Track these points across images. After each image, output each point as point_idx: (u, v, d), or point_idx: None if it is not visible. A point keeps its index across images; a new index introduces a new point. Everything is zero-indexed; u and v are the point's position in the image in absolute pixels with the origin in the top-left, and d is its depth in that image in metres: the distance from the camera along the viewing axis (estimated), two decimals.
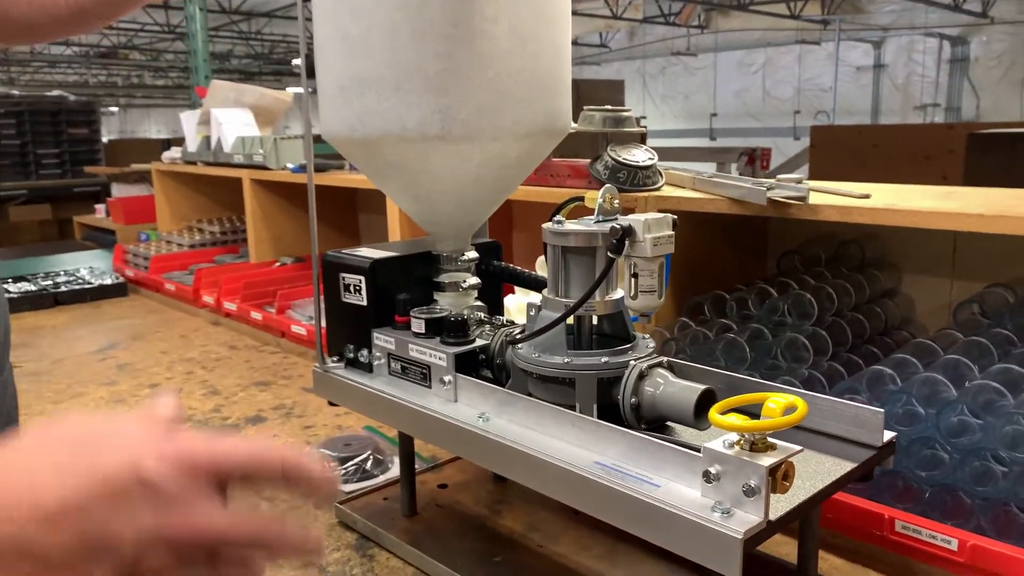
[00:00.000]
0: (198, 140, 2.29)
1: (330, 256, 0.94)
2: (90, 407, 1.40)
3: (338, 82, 0.80)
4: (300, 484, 0.42)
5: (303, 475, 0.42)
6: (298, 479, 0.42)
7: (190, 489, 0.38)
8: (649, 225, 0.72)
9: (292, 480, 0.42)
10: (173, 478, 0.37)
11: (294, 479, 0.42)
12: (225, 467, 0.40)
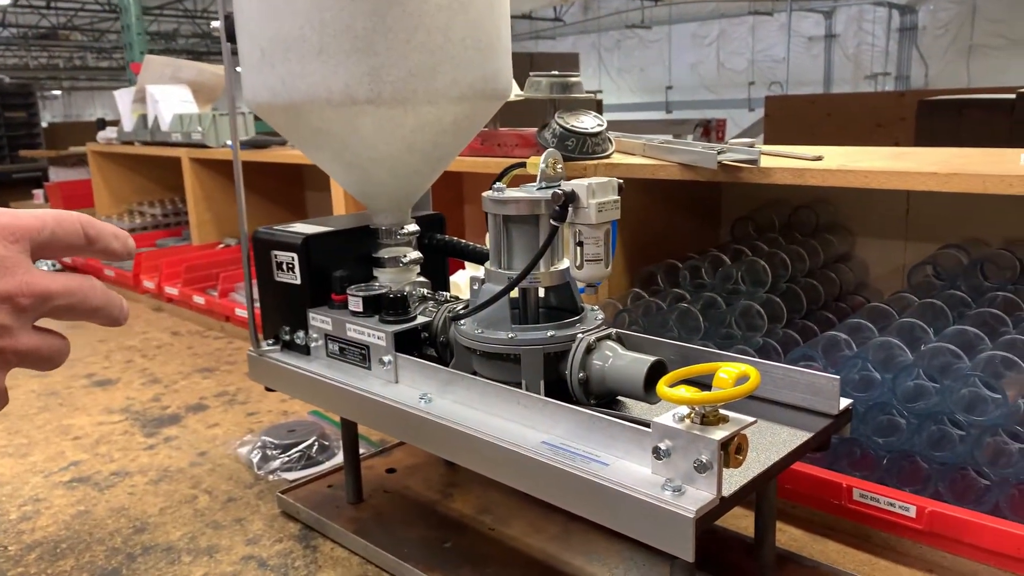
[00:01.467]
0: (134, 119, 2.19)
1: (261, 233, 0.88)
2: (19, 401, 1.33)
3: (258, 44, 0.74)
4: (98, 241, 0.52)
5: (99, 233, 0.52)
6: (96, 237, 0.51)
7: (12, 253, 0.46)
8: (593, 190, 0.68)
9: (92, 239, 0.51)
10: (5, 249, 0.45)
11: (93, 237, 0.51)
12: (36, 231, 0.48)
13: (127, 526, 0.91)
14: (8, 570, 0.84)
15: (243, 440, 1.12)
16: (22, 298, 0.45)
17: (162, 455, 1.10)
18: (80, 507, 0.96)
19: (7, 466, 1.08)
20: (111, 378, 1.43)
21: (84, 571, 0.83)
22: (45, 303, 0.48)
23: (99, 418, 1.24)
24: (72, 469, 1.07)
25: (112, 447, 1.13)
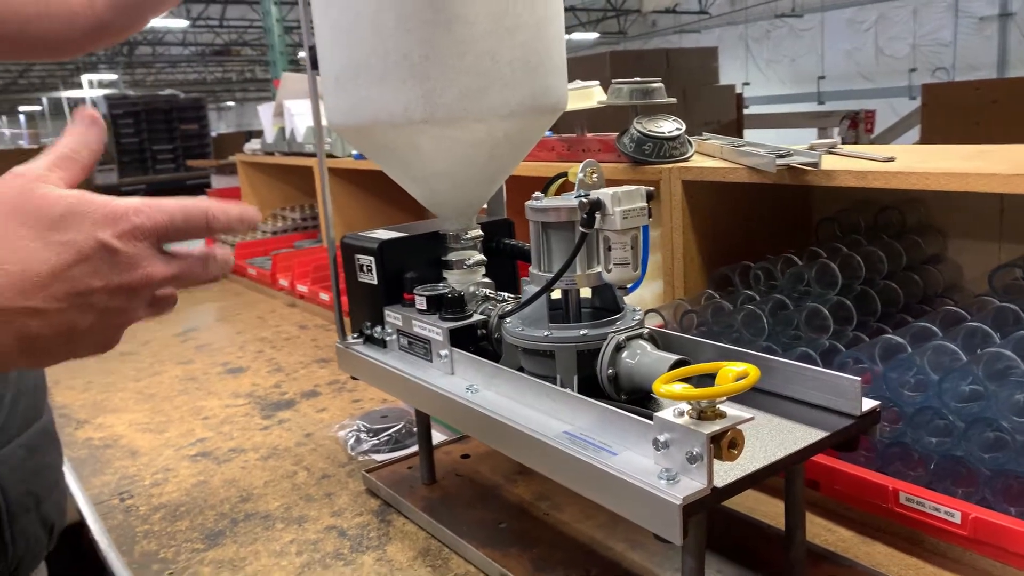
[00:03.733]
0: (275, 131, 2.40)
1: (347, 239, 0.98)
2: (163, 384, 1.52)
3: (334, 72, 0.84)
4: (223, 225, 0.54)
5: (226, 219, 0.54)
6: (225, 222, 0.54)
7: (141, 250, 0.50)
8: (619, 198, 0.73)
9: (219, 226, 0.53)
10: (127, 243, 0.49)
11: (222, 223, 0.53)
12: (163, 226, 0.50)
13: (235, 495, 1.05)
14: (136, 526, 0.99)
15: (343, 424, 1.24)
16: (142, 289, 0.51)
17: (274, 435, 1.24)
18: (200, 477, 1.11)
19: (147, 440, 1.26)
20: (242, 366, 1.61)
21: (195, 531, 0.96)
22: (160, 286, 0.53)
23: (227, 401, 1.41)
24: (198, 445, 1.22)
25: (233, 427, 1.29)
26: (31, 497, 0.64)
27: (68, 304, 0.48)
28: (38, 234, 0.46)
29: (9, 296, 0.45)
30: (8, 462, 0.62)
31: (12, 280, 0.45)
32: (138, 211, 0.50)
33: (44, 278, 0.46)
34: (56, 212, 0.47)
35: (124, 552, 0.93)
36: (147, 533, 0.97)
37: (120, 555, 0.92)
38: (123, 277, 0.49)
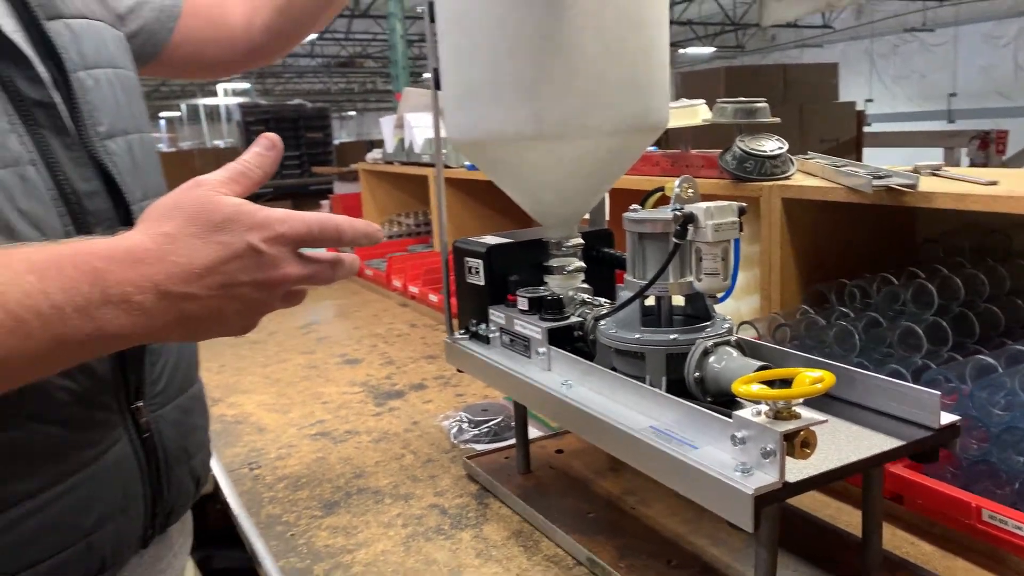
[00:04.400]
0: (395, 142, 2.55)
1: (458, 243, 1.07)
2: (288, 371, 1.66)
3: (454, 92, 0.93)
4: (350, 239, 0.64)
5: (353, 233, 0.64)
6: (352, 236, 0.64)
7: (281, 253, 0.59)
8: (712, 212, 0.78)
9: (348, 239, 0.64)
10: (271, 247, 0.59)
11: (349, 237, 0.64)
12: (302, 236, 0.60)
13: (350, 471, 1.15)
14: (263, 493, 1.11)
15: (447, 415, 1.33)
16: (279, 285, 0.60)
17: (385, 421, 1.34)
18: (319, 454, 1.22)
19: (273, 419, 1.39)
20: (358, 358, 1.73)
21: (314, 500, 1.07)
22: (295, 284, 0.62)
23: (344, 388, 1.53)
24: (318, 425, 1.34)
25: (349, 412, 1.40)
26: (184, 452, 0.76)
27: (219, 293, 0.58)
28: (203, 234, 0.57)
29: (174, 283, 0.56)
30: (167, 419, 0.73)
31: (178, 270, 0.56)
32: (282, 221, 0.59)
33: (203, 270, 0.56)
34: (219, 217, 0.57)
35: (252, 514, 1.05)
36: (272, 499, 1.08)
37: (249, 515, 1.04)
38: (265, 274, 0.59)
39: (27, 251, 0.52)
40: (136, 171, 0.70)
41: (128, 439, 0.67)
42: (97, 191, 0.63)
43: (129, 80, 0.74)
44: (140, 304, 0.53)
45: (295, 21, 0.98)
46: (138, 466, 0.68)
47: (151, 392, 0.70)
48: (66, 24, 0.66)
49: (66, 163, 0.62)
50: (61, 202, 0.61)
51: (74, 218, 0.62)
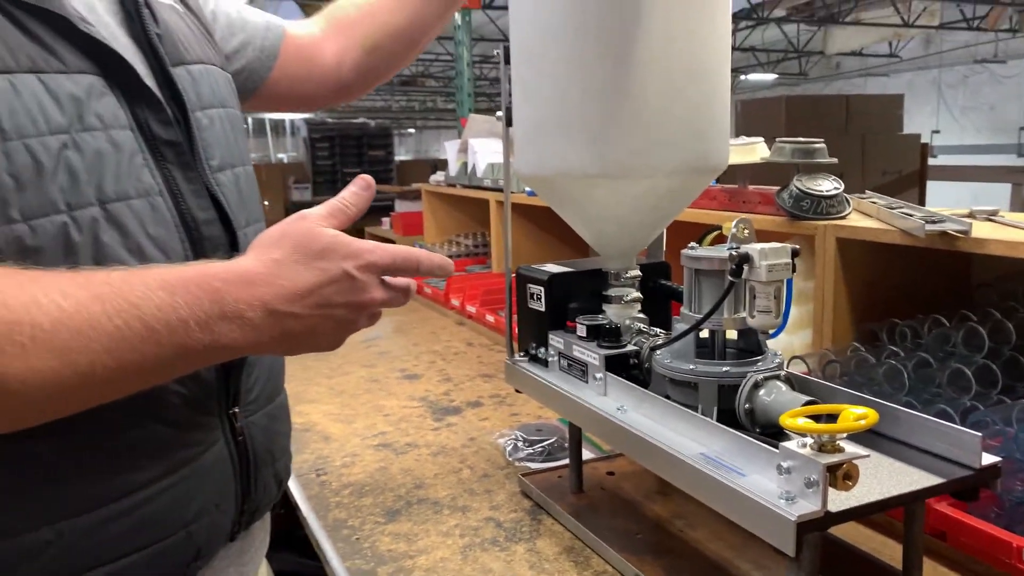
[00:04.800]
0: (458, 165, 2.64)
1: (521, 270, 1.14)
2: (351, 383, 1.74)
3: (524, 129, 1.00)
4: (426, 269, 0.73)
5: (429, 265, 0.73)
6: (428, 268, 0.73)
7: (370, 279, 0.68)
8: (766, 253, 0.83)
9: (424, 270, 0.72)
10: (362, 274, 0.67)
11: (425, 268, 0.73)
12: (388, 265, 0.69)
13: (410, 482, 1.22)
14: (330, 498, 1.18)
15: (503, 433, 1.39)
16: (367, 307, 0.69)
17: (443, 435, 1.41)
18: (381, 464, 1.29)
19: (338, 429, 1.46)
20: (417, 373, 1.80)
21: (377, 507, 1.14)
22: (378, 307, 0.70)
23: (404, 402, 1.60)
24: (380, 436, 1.41)
25: (409, 425, 1.47)
26: (270, 455, 0.83)
27: (317, 312, 0.66)
28: (305, 261, 0.65)
29: (280, 302, 0.64)
30: (257, 425, 0.80)
31: (284, 292, 0.64)
32: (371, 251, 0.68)
33: (304, 292, 0.65)
34: (319, 247, 0.66)
35: (320, 516, 1.12)
36: (338, 504, 1.15)
37: (317, 518, 1.11)
38: (356, 297, 0.68)
39: (158, 271, 0.60)
40: (241, 201, 0.78)
41: (224, 441, 0.75)
42: (212, 219, 0.71)
43: (236, 117, 0.82)
44: (251, 320, 0.61)
45: (382, 61, 1.06)
46: (232, 466, 0.76)
47: (245, 400, 0.78)
48: (187, 69, 0.75)
49: (187, 194, 0.70)
50: (183, 229, 0.69)
51: (193, 243, 0.69)
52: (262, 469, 0.81)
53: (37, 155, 0.59)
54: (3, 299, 0.53)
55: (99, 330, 0.56)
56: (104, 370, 0.57)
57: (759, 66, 16.47)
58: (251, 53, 0.95)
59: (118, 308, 0.57)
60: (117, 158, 0.64)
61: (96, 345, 0.56)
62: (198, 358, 0.62)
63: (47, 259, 0.60)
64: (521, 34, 0.98)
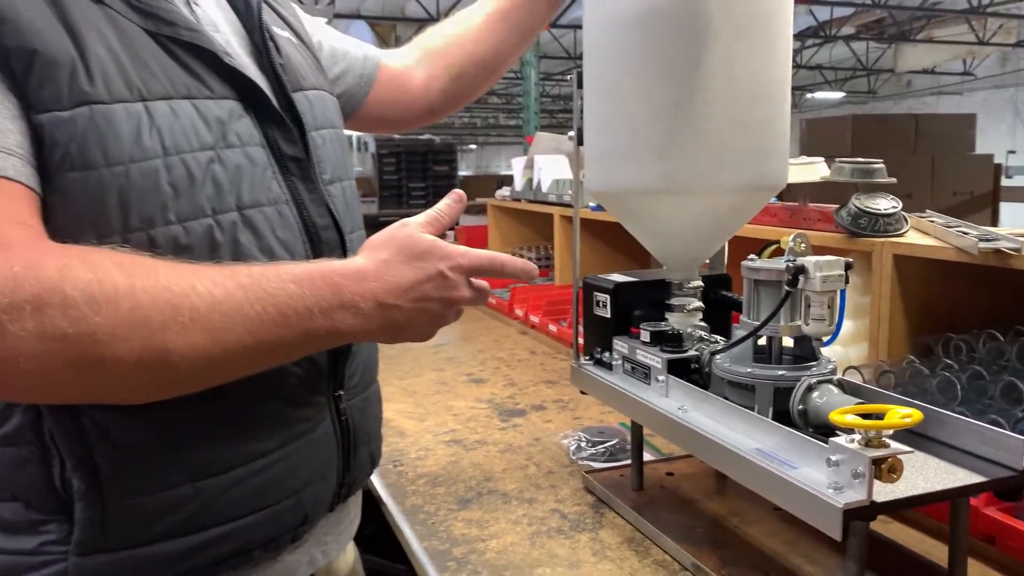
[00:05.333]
0: (523, 181, 2.73)
1: (588, 279, 1.22)
2: (422, 384, 1.84)
3: (595, 149, 1.08)
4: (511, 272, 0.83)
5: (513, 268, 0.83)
6: (512, 271, 0.83)
7: (459, 278, 0.78)
8: (821, 266, 0.89)
9: (508, 272, 0.83)
10: (454, 273, 0.77)
11: (510, 271, 0.83)
12: (476, 267, 0.79)
13: (480, 475, 1.30)
14: (406, 486, 1.27)
15: (566, 434, 1.46)
16: (456, 304, 0.79)
17: (509, 435, 1.49)
18: (452, 458, 1.38)
19: (412, 425, 1.56)
20: (483, 378, 1.89)
21: (450, 496, 1.23)
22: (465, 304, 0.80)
23: (471, 403, 1.69)
24: (450, 433, 1.51)
25: (477, 424, 1.56)
26: (366, 436, 0.92)
27: (416, 306, 0.76)
28: (408, 261, 0.76)
29: (387, 296, 0.73)
30: (357, 408, 0.90)
31: (390, 286, 0.74)
32: (463, 255, 0.78)
33: (407, 287, 0.75)
34: (419, 250, 0.76)
35: (398, 502, 1.21)
36: (414, 492, 1.25)
37: (396, 504, 1.20)
38: (448, 294, 0.78)
39: (288, 266, 0.70)
40: (348, 210, 0.88)
41: (331, 419, 0.84)
42: (328, 225, 0.82)
43: (342, 137, 0.93)
44: (364, 310, 0.71)
45: (466, 87, 1.16)
46: (335, 442, 0.85)
47: (348, 384, 0.87)
48: (304, 95, 0.85)
49: (308, 203, 0.80)
50: (304, 233, 0.79)
51: (312, 245, 0.80)
52: (359, 447, 0.90)
53: (191, 168, 0.70)
54: (167, 284, 0.64)
55: (243, 314, 0.66)
56: (244, 348, 0.67)
57: (826, 84, 16.23)
58: (350, 80, 1.07)
59: (258, 296, 0.67)
60: (252, 171, 0.75)
61: (240, 327, 0.66)
62: (319, 341, 0.72)
63: (196, 255, 0.70)
64: (593, 60, 1.06)
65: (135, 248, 0.67)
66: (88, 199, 0.67)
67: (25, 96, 0.65)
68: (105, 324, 0.61)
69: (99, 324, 0.61)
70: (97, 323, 0.61)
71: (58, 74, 0.65)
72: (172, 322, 0.62)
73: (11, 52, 0.64)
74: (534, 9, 1.15)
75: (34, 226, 0.65)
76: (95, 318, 0.61)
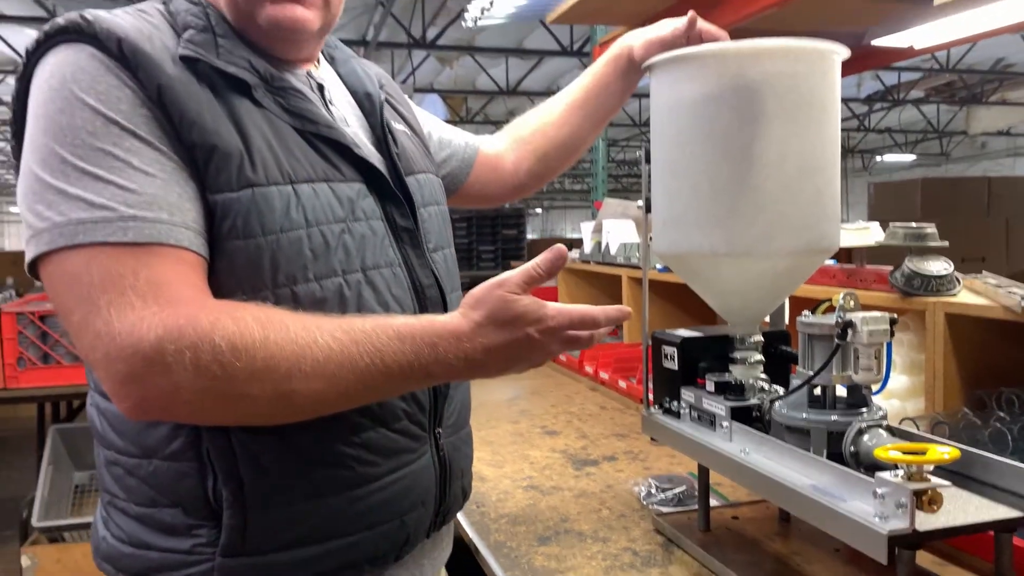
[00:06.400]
0: (592, 244, 2.87)
1: (656, 334, 1.34)
2: (499, 435, 1.96)
3: (662, 216, 1.21)
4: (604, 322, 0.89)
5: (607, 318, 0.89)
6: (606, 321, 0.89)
7: (549, 340, 0.85)
8: (867, 320, 0.99)
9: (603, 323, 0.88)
10: (543, 336, 0.84)
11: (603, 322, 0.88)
12: (567, 326, 0.85)
13: (556, 517, 1.41)
14: (490, 525, 1.39)
15: (637, 481, 1.56)
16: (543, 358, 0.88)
17: (583, 482, 1.60)
18: (530, 501, 1.49)
19: (491, 472, 1.68)
20: (556, 430, 2.01)
21: (530, 534, 1.34)
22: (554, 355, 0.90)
23: (546, 453, 1.80)
24: (527, 480, 1.62)
25: (552, 472, 1.67)
26: (459, 470, 1.05)
27: (502, 364, 0.86)
28: (498, 325, 0.84)
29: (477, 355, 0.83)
30: (452, 444, 1.03)
31: (480, 347, 0.84)
32: (553, 317, 0.86)
33: (493, 350, 0.84)
34: (511, 315, 0.85)
35: (483, 538, 1.33)
36: (497, 530, 1.36)
37: (481, 539, 1.32)
38: (534, 354, 0.87)
39: (396, 324, 0.83)
40: (448, 273, 1.03)
41: (431, 453, 0.98)
42: (432, 285, 0.96)
43: (445, 212, 1.08)
44: (455, 366, 0.83)
45: (550, 166, 1.32)
46: (434, 473, 0.98)
47: (446, 423, 1.01)
48: (415, 178, 1.02)
49: (417, 267, 0.95)
50: (413, 292, 0.94)
51: (420, 302, 0.94)
52: (454, 480, 1.03)
53: (327, 237, 0.86)
54: (294, 337, 0.78)
55: (354, 365, 0.80)
56: (355, 391, 0.81)
57: (896, 147, 16.07)
58: (454, 163, 1.24)
59: (368, 350, 0.81)
60: (374, 240, 0.90)
61: (351, 376, 0.80)
62: (415, 386, 0.87)
63: (328, 307, 0.85)
64: (659, 138, 1.20)
65: (281, 300, 0.83)
66: (247, 261, 0.83)
67: (203, 180, 0.82)
68: (244, 369, 0.76)
69: (240, 369, 0.76)
70: (238, 368, 0.76)
71: (230, 164, 0.82)
72: (296, 370, 0.77)
73: (196, 147, 0.81)
74: (607, 101, 1.30)
75: (200, 286, 0.81)
76: (237, 363, 0.75)
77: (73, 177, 0.76)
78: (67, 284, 0.76)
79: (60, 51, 0.80)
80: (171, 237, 0.78)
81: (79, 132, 0.77)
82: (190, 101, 0.81)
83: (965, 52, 9.44)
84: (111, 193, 0.76)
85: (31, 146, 0.79)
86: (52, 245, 0.76)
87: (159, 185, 0.79)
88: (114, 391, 0.76)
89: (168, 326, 0.73)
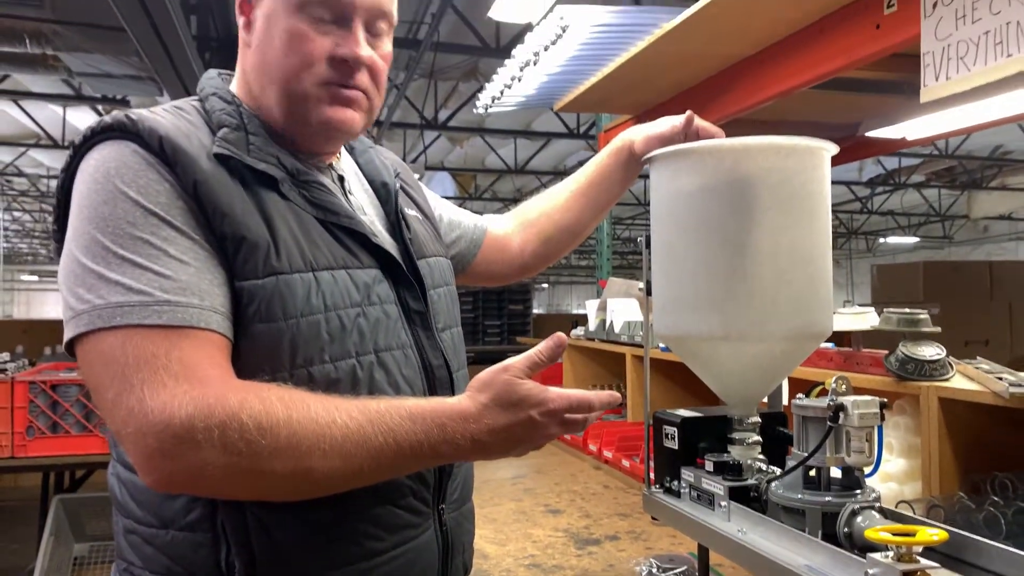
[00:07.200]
0: (596, 321, 2.93)
1: (658, 414, 1.37)
2: (502, 513, 1.97)
3: (662, 300, 1.27)
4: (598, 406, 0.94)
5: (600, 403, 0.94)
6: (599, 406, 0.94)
7: (549, 421, 0.90)
8: (858, 404, 1.03)
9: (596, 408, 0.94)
10: (544, 417, 0.89)
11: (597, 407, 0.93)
12: (565, 409, 0.90)
13: None
14: None
15: (638, 561, 1.57)
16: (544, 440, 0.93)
17: (585, 561, 1.61)
18: None
19: (493, 549, 1.69)
20: (559, 508, 2.02)
21: None
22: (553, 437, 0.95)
23: (549, 532, 1.81)
24: (530, 558, 1.63)
25: (555, 551, 1.68)
26: (461, 545, 1.07)
27: (506, 444, 0.91)
28: (503, 407, 0.90)
29: (482, 435, 0.89)
30: (455, 520, 1.06)
31: (486, 428, 0.89)
32: (554, 400, 0.92)
33: (499, 431, 0.90)
34: (515, 398, 0.90)
35: None
36: None
37: None
38: (536, 434, 0.92)
39: (408, 405, 0.88)
40: (455, 352, 1.08)
41: (434, 528, 1.01)
42: (441, 365, 1.01)
43: (453, 292, 1.14)
44: (462, 446, 0.88)
45: (554, 248, 1.39)
46: (437, 548, 1.01)
47: (449, 499, 1.04)
48: (427, 262, 1.08)
49: (427, 348, 1.00)
50: (423, 372, 0.99)
51: (429, 382, 0.99)
52: (455, 556, 1.05)
53: (343, 320, 0.92)
54: (315, 417, 0.83)
55: (368, 444, 0.85)
56: (367, 469, 0.85)
57: (900, 229, 16.24)
58: (463, 244, 1.30)
59: (381, 429, 0.85)
60: (387, 323, 0.96)
61: (365, 454, 0.85)
62: (424, 464, 0.91)
63: (342, 387, 0.90)
64: (659, 225, 1.27)
65: (298, 380, 0.88)
66: (268, 343, 0.89)
67: (232, 268, 0.88)
68: (268, 446, 0.80)
69: (264, 446, 0.80)
70: (263, 445, 0.80)
71: (257, 254, 0.88)
72: (316, 448, 0.81)
73: (227, 238, 0.88)
74: (609, 189, 1.38)
75: (225, 366, 0.86)
76: (262, 441, 0.80)
77: (114, 263, 0.82)
78: (103, 363, 0.81)
79: (105, 147, 0.88)
80: (201, 320, 0.83)
81: (120, 222, 0.83)
82: (223, 195, 0.87)
83: (962, 140, 9.66)
84: (148, 279, 0.82)
85: (74, 233, 0.85)
86: (91, 326, 0.81)
87: (192, 272, 0.85)
88: (142, 465, 0.80)
89: (199, 404, 0.78)
